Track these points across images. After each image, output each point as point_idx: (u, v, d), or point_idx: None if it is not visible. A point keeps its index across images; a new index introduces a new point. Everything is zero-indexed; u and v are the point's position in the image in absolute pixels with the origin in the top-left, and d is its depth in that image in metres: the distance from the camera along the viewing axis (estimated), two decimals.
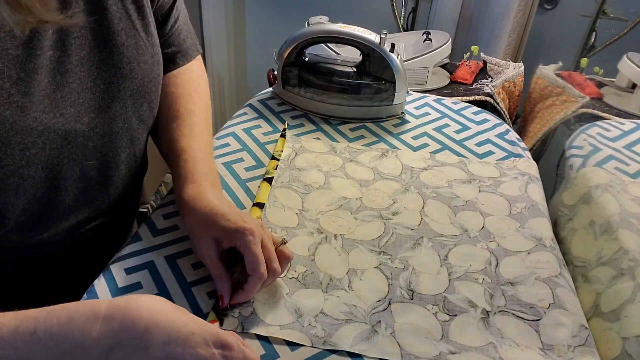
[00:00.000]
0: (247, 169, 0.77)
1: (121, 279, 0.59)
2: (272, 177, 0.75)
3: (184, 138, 0.65)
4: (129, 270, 0.60)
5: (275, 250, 0.56)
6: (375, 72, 0.88)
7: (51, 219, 0.57)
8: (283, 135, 0.84)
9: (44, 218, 0.56)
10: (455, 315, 0.57)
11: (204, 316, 0.55)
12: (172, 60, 0.71)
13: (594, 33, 1.33)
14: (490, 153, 0.85)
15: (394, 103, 0.89)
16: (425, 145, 0.86)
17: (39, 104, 0.49)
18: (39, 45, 0.49)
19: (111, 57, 0.56)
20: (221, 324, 0.54)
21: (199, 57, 0.77)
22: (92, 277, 0.58)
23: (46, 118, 0.50)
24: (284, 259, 0.57)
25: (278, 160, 0.78)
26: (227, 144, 0.82)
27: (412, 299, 0.58)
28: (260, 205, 0.69)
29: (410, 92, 0.98)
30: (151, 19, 0.61)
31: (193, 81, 0.72)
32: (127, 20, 0.57)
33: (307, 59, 0.91)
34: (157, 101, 0.65)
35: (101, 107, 0.56)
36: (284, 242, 0.58)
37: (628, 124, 0.90)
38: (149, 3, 0.62)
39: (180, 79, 0.72)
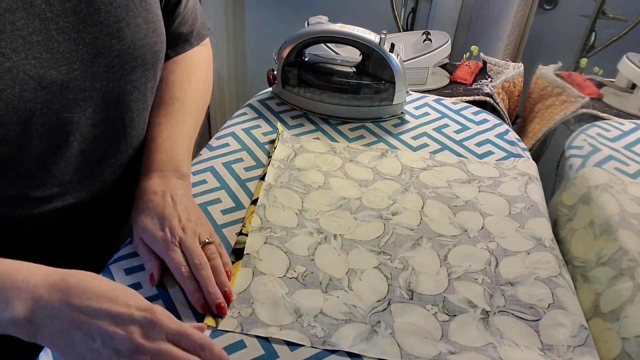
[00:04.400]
0: (247, 169, 0.77)
1: (120, 280, 0.59)
2: (265, 174, 0.75)
3: (158, 126, 0.68)
4: (128, 271, 0.60)
5: (203, 247, 0.58)
6: (375, 72, 0.88)
7: (23, 167, 0.56)
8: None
9: (16, 165, 0.56)
10: (455, 315, 0.57)
11: (201, 318, 0.55)
12: (187, 39, 0.74)
13: (594, 33, 1.33)
14: (489, 153, 0.85)
15: (393, 103, 0.89)
16: (425, 145, 0.86)
17: (10, 42, 0.50)
18: None
19: (98, 14, 0.56)
20: (217, 325, 0.54)
21: (207, 39, 0.79)
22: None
23: (16, 57, 0.50)
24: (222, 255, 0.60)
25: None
26: (227, 144, 0.82)
27: (411, 299, 0.58)
28: (255, 202, 0.70)
29: (409, 92, 0.98)
30: None
31: (189, 67, 0.74)
32: None
33: (306, 59, 0.91)
34: (157, 72, 0.66)
35: (84, 60, 0.56)
36: (208, 242, 0.59)
37: (628, 124, 0.90)
38: None
39: (178, 65, 0.73)
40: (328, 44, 1.16)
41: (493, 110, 1.16)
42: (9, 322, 0.46)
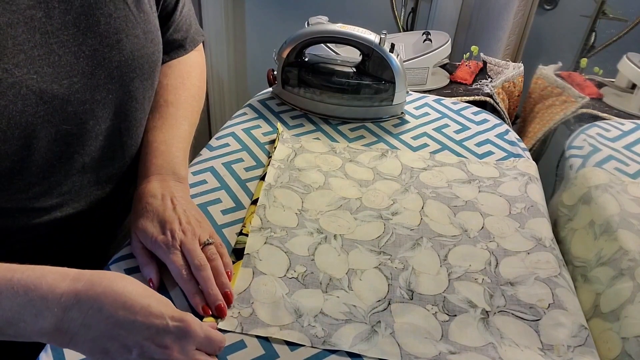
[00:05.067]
0: (247, 169, 0.77)
1: None
2: (265, 174, 0.75)
3: (153, 130, 0.68)
4: (129, 271, 0.60)
5: (203, 249, 0.58)
6: (375, 72, 0.88)
7: (23, 180, 0.56)
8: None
9: (16, 178, 0.55)
10: (455, 315, 0.57)
11: (201, 317, 0.55)
12: (182, 45, 0.75)
13: (594, 33, 1.33)
14: (490, 153, 0.85)
15: (393, 103, 0.89)
16: (425, 145, 0.86)
17: (12, 57, 0.49)
18: (16, 1, 0.50)
19: (97, 26, 0.56)
20: (217, 325, 0.54)
21: (201, 44, 0.80)
22: None
23: (19, 72, 0.50)
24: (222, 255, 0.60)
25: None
26: (227, 144, 0.82)
27: (411, 299, 0.58)
28: (255, 202, 0.70)
29: (410, 92, 0.98)
30: None
31: (183, 72, 0.74)
32: None
33: (306, 59, 0.91)
34: (154, 81, 0.66)
35: (84, 72, 0.56)
36: (209, 243, 0.59)
37: (628, 124, 0.90)
38: None
39: (172, 69, 0.73)
40: (328, 44, 1.16)
41: (493, 110, 1.16)
42: (38, 334, 0.45)
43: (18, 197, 0.57)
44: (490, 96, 1.18)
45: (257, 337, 0.54)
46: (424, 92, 1.11)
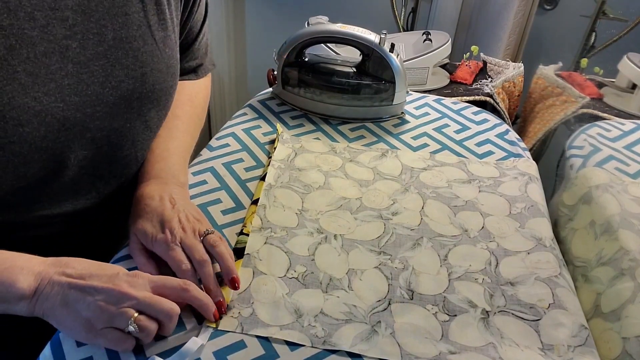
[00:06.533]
0: (247, 169, 0.77)
1: None
2: (265, 174, 0.75)
3: (157, 138, 0.69)
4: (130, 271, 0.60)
5: (203, 240, 0.59)
6: (375, 72, 0.88)
7: (40, 202, 0.58)
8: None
9: (31, 199, 0.57)
10: (455, 315, 0.57)
11: (200, 318, 0.55)
12: (194, 71, 0.78)
13: (594, 33, 1.33)
14: (490, 153, 0.85)
15: (393, 103, 0.89)
16: (425, 145, 0.86)
17: (43, 85, 0.50)
18: (54, 31, 0.51)
19: (126, 58, 0.57)
20: (217, 326, 0.54)
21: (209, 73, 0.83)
22: None
23: (47, 100, 0.51)
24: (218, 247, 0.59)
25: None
26: (227, 144, 0.82)
27: (412, 299, 0.58)
28: (255, 202, 0.70)
29: (410, 92, 0.98)
30: (172, 34, 0.63)
31: (192, 91, 0.77)
32: (146, 29, 0.59)
33: (307, 59, 0.91)
34: (167, 111, 0.68)
35: (107, 102, 0.57)
36: (208, 233, 0.59)
37: (628, 125, 0.90)
38: (177, 19, 0.65)
39: (182, 87, 0.74)
40: (328, 44, 1.16)
41: (493, 110, 1.16)
42: (18, 298, 0.49)
43: (29, 216, 0.58)
44: (491, 96, 1.18)
45: (257, 337, 0.54)
46: (424, 92, 1.11)
